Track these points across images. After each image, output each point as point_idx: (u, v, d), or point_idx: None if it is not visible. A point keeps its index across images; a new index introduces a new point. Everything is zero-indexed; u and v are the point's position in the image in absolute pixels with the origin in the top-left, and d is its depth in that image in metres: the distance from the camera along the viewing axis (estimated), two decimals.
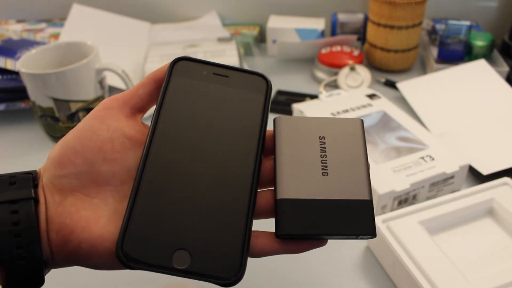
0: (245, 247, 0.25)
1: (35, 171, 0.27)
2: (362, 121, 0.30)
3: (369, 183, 0.28)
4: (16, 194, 0.25)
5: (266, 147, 0.29)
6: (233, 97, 0.29)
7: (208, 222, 0.25)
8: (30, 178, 0.26)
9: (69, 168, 0.26)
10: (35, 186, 0.26)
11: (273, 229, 0.26)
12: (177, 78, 0.29)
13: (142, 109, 0.30)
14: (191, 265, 0.24)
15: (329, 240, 0.43)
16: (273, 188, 0.28)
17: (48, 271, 0.26)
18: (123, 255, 0.23)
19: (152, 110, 0.29)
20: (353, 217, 0.27)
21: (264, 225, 0.28)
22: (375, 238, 0.42)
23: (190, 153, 0.27)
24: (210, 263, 0.24)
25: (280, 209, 0.26)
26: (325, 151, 0.29)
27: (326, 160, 0.28)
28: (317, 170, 0.28)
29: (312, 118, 0.30)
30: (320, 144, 0.29)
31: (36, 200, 0.25)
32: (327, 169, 0.28)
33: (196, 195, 0.26)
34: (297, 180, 0.27)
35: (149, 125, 0.28)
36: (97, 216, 0.25)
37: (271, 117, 0.29)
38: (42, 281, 0.25)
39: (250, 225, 0.26)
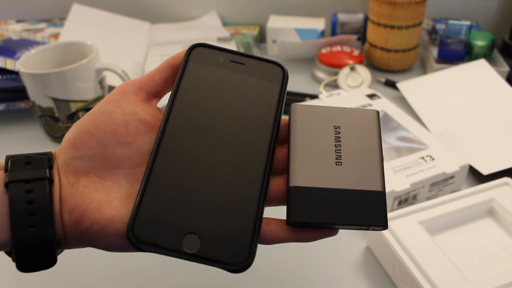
0: (255, 234, 0.25)
1: (50, 153, 0.27)
2: (378, 112, 0.30)
3: (382, 174, 0.28)
4: (32, 173, 0.25)
5: (281, 136, 0.29)
6: (249, 85, 0.29)
7: (219, 208, 0.25)
8: (46, 159, 0.26)
9: (84, 150, 0.26)
10: (50, 167, 0.26)
11: (285, 217, 0.26)
12: (193, 64, 0.29)
13: (157, 94, 0.30)
14: (201, 249, 0.24)
15: (329, 240, 0.43)
16: (286, 176, 0.27)
17: (61, 251, 0.26)
18: (133, 237, 0.23)
19: (168, 96, 0.29)
20: (365, 208, 0.26)
21: (277, 212, 0.27)
22: (375, 238, 0.42)
23: (203, 139, 0.27)
24: (219, 248, 0.24)
25: (292, 196, 0.26)
26: (339, 141, 0.28)
27: (340, 150, 0.28)
28: (330, 159, 0.28)
29: (328, 107, 0.30)
30: (335, 134, 0.29)
31: (51, 180, 0.25)
32: (341, 159, 0.28)
33: (208, 181, 0.26)
34: (310, 168, 0.27)
35: (164, 110, 0.28)
36: (110, 198, 0.25)
37: None
38: (54, 261, 0.25)
39: (261, 212, 0.25)
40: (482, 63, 0.67)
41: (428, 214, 0.42)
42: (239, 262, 0.24)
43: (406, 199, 0.47)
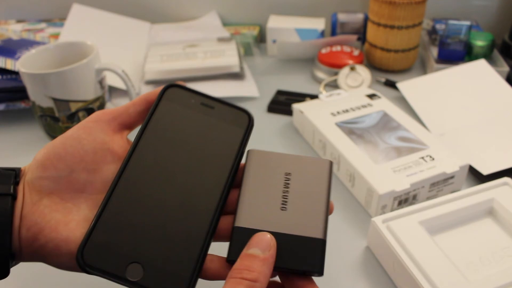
0: (196, 269, 0.26)
1: (19, 169, 0.29)
2: (331, 162, 0.32)
3: (325, 222, 0.29)
4: None
5: (238, 179, 0.31)
6: (214, 128, 0.31)
7: (166, 242, 0.26)
8: (13, 175, 0.28)
9: (50, 171, 0.27)
10: (16, 183, 0.27)
11: None
12: (166, 103, 0.31)
13: (130, 126, 0.32)
14: (143, 278, 0.25)
15: (328, 240, 0.43)
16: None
17: (15, 263, 0.27)
18: (82, 259, 0.25)
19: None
20: (303, 253, 0.28)
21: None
22: (375, 238, 0.42)
23: (162, 175, 0.28)
24: (161, 279, 0.25)
25: (234, 236, 0.28)
26: (288, 187, 0.30)
27: (287, 196, 0.30)
28: (276, 204, 0.29)
29: (284, 154, 0.32)
30: (285, 180, 0.30)
31: (14, 197, 0.27)
32: (286, 204, 0.29)
33: (159, 215, 0.27)
34: (255, 211, 0.29)
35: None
36: (67, 220, 0.27)
37: (271, 116, 0.29)
38: (7, 273, 0.27)
39: (206, 249, 0.27)
40: (482, 63, 0.68)
41: (428, 214, 0.42)
42: None
43: (406, 199, 0.47)
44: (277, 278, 0.30)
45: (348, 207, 0.49)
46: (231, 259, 0.27)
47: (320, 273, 0.27)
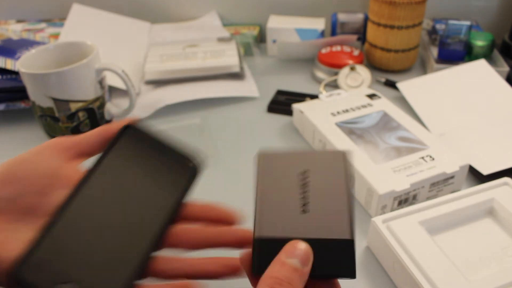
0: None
1: None
2: (345, 153, 0.30)
3: (350, 221, 0.27)
4: None
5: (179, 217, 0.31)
6: (161, 172, 0.32)
7: (101, 265, 0.28)
8: None
9: (1, 191, 0.28)
10: None
11: None
12: (123, 140, 0.32)
13: (86, 155, 0.33)
14: None
15: None
16: (253, 226, 0.28)
17: None
18: (16, 277, 0.26)
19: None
20: (333, 257, 0.26)
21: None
22: (375, 238, 0.42)
23: (104, 207, 0.30)
24: None
25: (257, 248, 0.27)
26: (306, 187, 0.28)
27: (307, 197, 0.28)
28: (296, 208, 0.28)
29: (295, 152, 0.30)
30: (301, 180, 0.29)
31: None
32: (307, 206, 0.28)
33: (95, 242, 0.28)
34: (275, 218, 0.27)
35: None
36: (9, 240, 0.27)
37: (271, 116, 0.29)
38: None
39: (137, 275, 0.28)
40: (482, 63, 0.68)
41: (428, 214, 0.42)
42: None
43: (406, 199, 0.47)
44: None
45: None
46: (258, 273, 0.26)
47: (353, 276, 0.26)
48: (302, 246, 0.26)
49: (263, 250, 0.26)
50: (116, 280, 0.27)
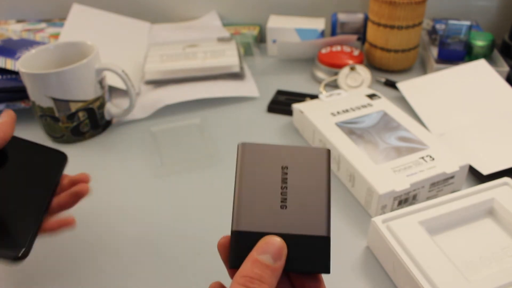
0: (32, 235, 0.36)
1: None
2: (329, 151, 0.30)
3: (328, 218, 0.28)
4: None
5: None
6: (37, 162, 0.41)
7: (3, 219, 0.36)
8: None
9: None
10: None
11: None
12: (9, 144, 0.40)
13: None
14: None
15: None
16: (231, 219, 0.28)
17: None
18: None
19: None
20: (309, 253, 0.27)
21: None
22: (375, 238, 0.42)
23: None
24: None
25: (234, 240, 0.27)
26: (286, 182, 0.29)
27: (286, 192, 0.28)
28: (276, 202, 0.28)
29: (277, 146, 0.30)
30: (282, 175, 0.29)
31: None
32: (286, 202, 0.28)
33: None
34: (254, 212, 0.28)
35: None
36: None
37: (271, 116, 0.29)
38: None
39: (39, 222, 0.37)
40: (482, 63, 0.68)
41: (428, 214, 0.42)
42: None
43: (406, 199, 0.47)
44: None
45: (348, 207, 0.49)
46: (234, 266, 0.26)
47: (327, 271, 0.27)
48: (275, 241, 0.26)
49: (240, 244, 0.27)
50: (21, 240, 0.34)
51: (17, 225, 0.36)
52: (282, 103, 0.68)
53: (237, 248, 0.27)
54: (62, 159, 0.44)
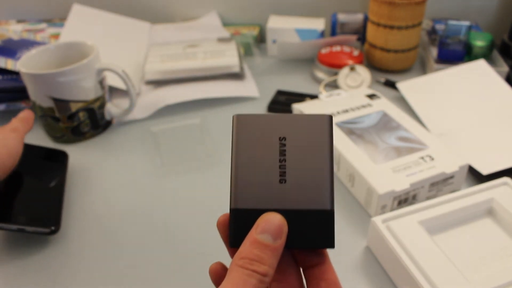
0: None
1: None
2: (330, 118, 0.28)
3: (331, 190, 0.26)
4: None
5: None
6: (45, 164, 0.54)
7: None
8: None
9: None
10: None
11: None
12: None
13: None
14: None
15: None
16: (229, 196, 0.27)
17: None
18: None
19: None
20: (312, 229, 0.26)
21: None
22: (375, 238, 0.42)
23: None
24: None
25: (233, 219, 0.26)
26: (284, 155, 0.27)
27: (285, 165, 0.27)
28: (275, 176, 0.26)
29: (274, 115, 0.28)
30: (280, 146, 0.27)
31: None
32: (285, 176, 0.26)
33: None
34: (252, 188, 0.26)
35: None
36: None
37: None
38: None
39: None
40: (481, 63, 0.68)
41: (427, 214, 0.42)
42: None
43: (405, 199, 0.47)
44: None
45: (348, 207, 0.49)
46: (234, 245, 0.25)
47: (332, 246, 0.26)
48: (275, 218, 0.25)
49: (239, 222, 0.26)
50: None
51: (46, 209, 0.47)
52: (282, 103, 0.68)
53: (236, 227, 0.26)
54: (64, 156, 0.56)
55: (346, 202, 0.50)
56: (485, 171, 0.51)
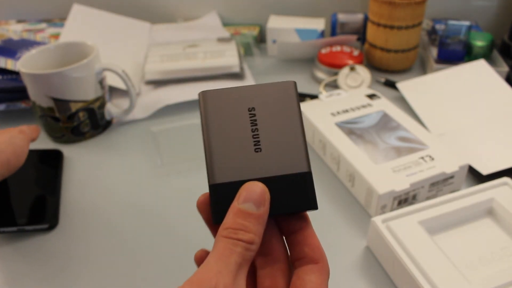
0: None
1: None
2: (294, 83, 0.28)
3: (306, 153, 0.27)
4: None
5: None
6: (42, 163, 0.56)
7: None
8: None
9: None
10: None
11: None
12: None
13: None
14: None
15: (329, 240, 0.43)
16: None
17: None
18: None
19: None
20: (293, 193, 0.26)
21: None
22: (375, 238, 0.42)
23: None
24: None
25: (213, 195, 0.26)
26: (256, 124, 0.27)
27: (258, 134, 0.27)
28: (249, 147, 0.26)
29: (239, 88, 0.28)
30: (250, 117, 0.27)
31: None
32: (260, 144, 0.26)
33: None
34: (229, 161, 0.26)
35: None
36: None
37: None
38: None
39: None
40: (481, 63, 0.68)
41: (427, 214, 0.42)
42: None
43: (405, 199, 0.47)
44: None
45: (348, 207, 0.49)
46: (218, 222, 0.25)
47: (315, 207, 0.26)
48: (256, 187, 0.25)
49: (220, 197, 0.26)
50: None
51: (44, 207, 0.49)
52: None
53: (218, 202, 0.25)
54: (59, 155, 0.58)
55: (346, 202, 0.50)
56: (485, 171, 0.51)
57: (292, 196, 0.26)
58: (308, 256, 0.26)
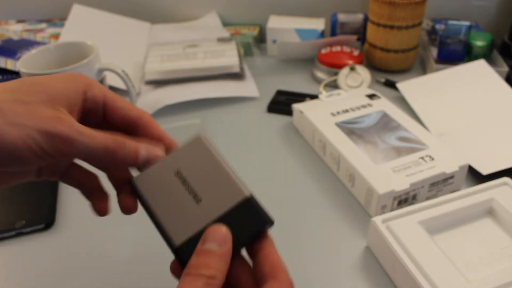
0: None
1: None
2: (202, 136, 0.32)
3: (238, 181, 0.29)
4: None
5: None
6: None
7: None
8: None
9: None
10: None
11: None
12: None
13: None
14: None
15: (329, 240, 0.43)
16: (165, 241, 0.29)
17: None
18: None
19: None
20: (246, 219, 0.28)
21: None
22: (375, 238, 0.42)
23: None
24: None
25: (180, 256, 0.28)
26: (187, 184, 0.30)
27: (193, 189, 0.30)
28: (190, 202, 0.29)
29: (160, 162, 0.31)
30: (180, 179, 0.30)
31: None
32: (198, 196, 0.29)
33: None
34: (178, 222, 0.29)
35: None
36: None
37: (271, 116, 0.29)
38: None
39: None
40: (481, 63, 0.68)
41: (427, 214, 0.42)
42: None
43: (405, 199, 0.47)
44: None
45: (348, 207, 0.49)
46: None
47: (271, 223, 0.28)
48: (217, 228, 0.26)
49: (186, 255, 0.27)
50: None
51: (40, 207, 0.48)
52: (282, 103, 0.68)
53: (186, 260, 0.27)
54: None
55: (346, 202, 0.50)
56: (485, 171, 0.51)
57: (247, 223, 0.28)
58: (269, 274, 0.27)
